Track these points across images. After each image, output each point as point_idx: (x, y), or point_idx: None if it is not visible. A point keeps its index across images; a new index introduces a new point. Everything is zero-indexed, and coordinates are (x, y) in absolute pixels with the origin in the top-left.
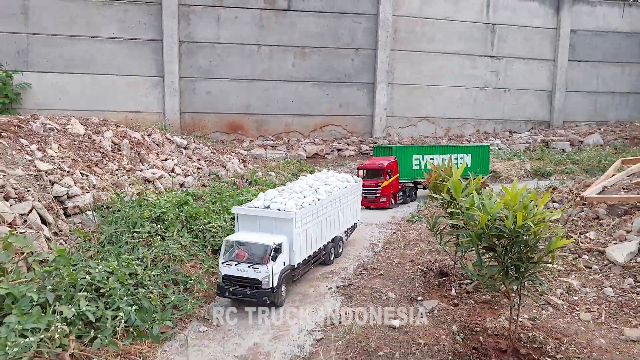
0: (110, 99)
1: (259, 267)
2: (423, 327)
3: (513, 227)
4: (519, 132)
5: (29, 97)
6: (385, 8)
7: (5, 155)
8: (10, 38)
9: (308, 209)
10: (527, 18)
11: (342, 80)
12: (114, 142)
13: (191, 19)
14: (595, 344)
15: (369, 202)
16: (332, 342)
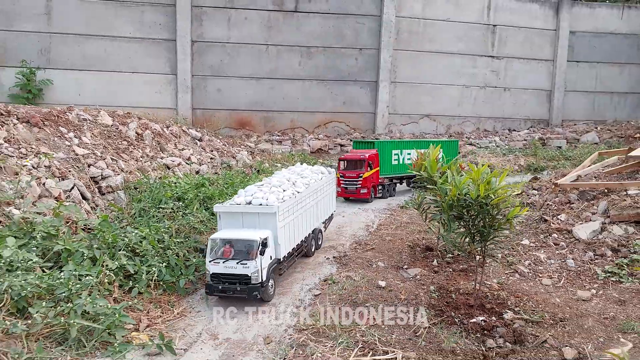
0: (126, 95)
1: (248, 263)
2: (405, 287)
3: (477, 198)
4: (518, 130)
5: (51, 92)
6: (388, 10)
7: (49, 141)
8: (34, 37)
9: (289, 202)
10: (527, 19)
11: (346, 79)
12: (137, 132)
13: (203, 20)
14: (550, 302)
15: (349, 194)
16: (327, 296)
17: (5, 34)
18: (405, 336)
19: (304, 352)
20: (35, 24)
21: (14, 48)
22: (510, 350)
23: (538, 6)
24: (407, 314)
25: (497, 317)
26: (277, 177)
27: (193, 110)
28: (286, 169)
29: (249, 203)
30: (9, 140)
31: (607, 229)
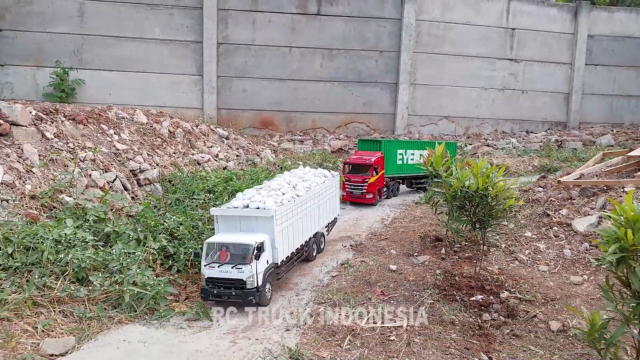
0: (154, 95)
1: (243, 267)
2: (414, 271)
3: (477, 190)
4: (535, 132)
5: (83, 92)
6: (409, 13)
7: (92, 137)
8: (67, 38)
9: (287, 206)
10: (545, 23)
11: (367, 80)
12: (170, 130)
13: (229, 23)
14: (544, 284)
15: (354, 198)
16: (343, 277)
17: (41, 36)
18: (411, 307)
19: (322, 319)
20: (69, 26)
21: (49, 49)
22: (503, 322)
23: (556, 10)
24: (415, 293)
25: (494, 297)
26: (278, 181)
27: (218, 110)
28: (289, 172)
29: (246, 206)
30: (58, 135)
31: (603, 222)
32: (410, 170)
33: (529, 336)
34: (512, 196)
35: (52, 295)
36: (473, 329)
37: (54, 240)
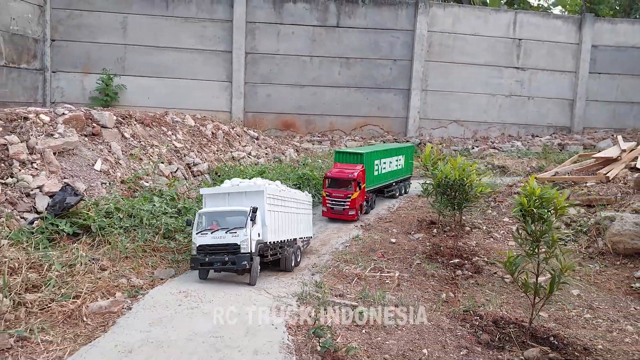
0: (188, 99)
1: (237, 232)
2: (409, 243)
3: (455, 179)
4: (540, 136)
5: (124, 96)
6: (421, 25)
7: (157, 137)
8: (112, 48)
9: (276, 189)
10: (551, 34)
11: (381, 87)
12: (212, 132)
13: (256, 34)
14: None
15: (335, 214)
16: (354, 246)
17: (89, 46)
18: (403, 265)
19: (337, 270)
20: (113, 37)
21: (96, 58)
22: (470, 275)
23: (561, 22)
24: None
25: (467, 261)
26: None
27: (245, 113)
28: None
29: (236, 186)
30: (133, 135)
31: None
32: (385, 180)
33: (488, 285)
34: (482, 184)
35: (152, 246)
36: (447, 280)
37: (147, 211)
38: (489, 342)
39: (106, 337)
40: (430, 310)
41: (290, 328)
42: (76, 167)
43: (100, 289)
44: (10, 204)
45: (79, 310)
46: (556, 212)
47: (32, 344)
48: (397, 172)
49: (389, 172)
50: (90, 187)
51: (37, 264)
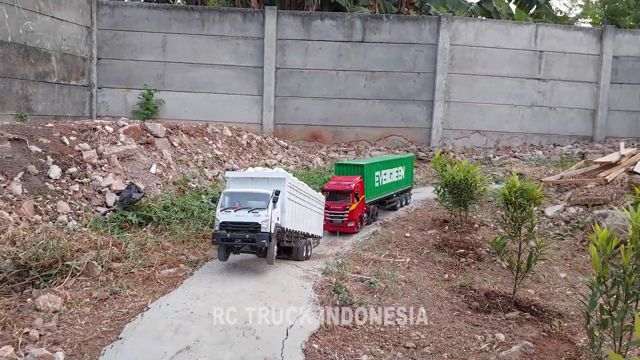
0: (222, 112)
1: (259, 212)
2: (422, 237)
3: (460, 180)
4: (562, 145)
5: (163, 110)
6: (443, 39)
7: (200, 146)
8: (152, 65)
9: (295, 180)
10: (572, 46)
11: (405, 98)
12: (247, 141)
13: (285, 50)
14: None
15: (334, 227)
16: (372, 239)
17: (132, 63)
18: (414, 254)
19: (357, 255)
20: (154, 55)
21: (138, 74)
22: (473, 262)
23: (583, 34)
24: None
25: (472, 251)
26: None
27: (275, 125)
28: None
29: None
30: (180, 144)
31: (567, 209)
32: (386, 191)
33: (487, 270)
34: (485, 185)
35: (202, 234)
36: (452, 265)
37: (197, 206)
38: (478, 308)
39: (177, 291)
40: (432, 286)
41: (316, 289)
42: (135, 170)
43: (167, 261)
44: (86, 199)
45: (153, 274)
46: (534, 202)
47: (122, 297)
48: (397, 183)
49: (390, 183)
50: (147, 187)
51: (117, 243)
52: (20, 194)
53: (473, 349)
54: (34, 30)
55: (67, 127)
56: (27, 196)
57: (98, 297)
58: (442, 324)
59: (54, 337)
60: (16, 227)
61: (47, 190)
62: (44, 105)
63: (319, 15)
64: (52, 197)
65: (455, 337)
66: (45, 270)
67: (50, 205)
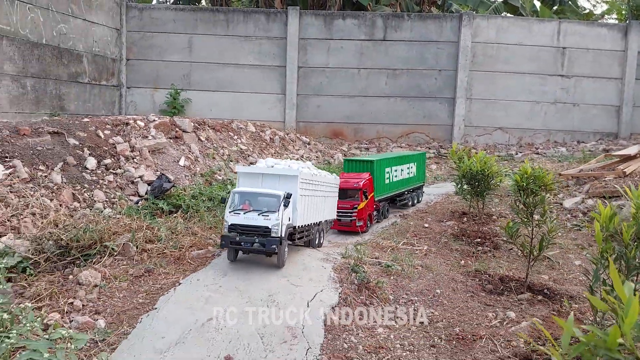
0: (246, 111)
1: (270, 215)
2: (440, 228)
3: (477, 171)
4: (586, 142)
5: (190, 109)
6: (465, 37)
7: (225, 140)
8: (179, 65)
9: (309, 174)
10: (596, 42)
11: (426, 96)
12: (270, 137)
13: (308, 50)
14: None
15: (342, 226)
16: (392, 229)
17: (160, 64)
18: (432, 242)
19: (376, 243)
20: (180, 55)
21: (165, 74)
22: (489, 250)
23: (607, 30)
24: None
25: (488, 240)
26: (289, 162)
27: (297, 123)
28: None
29: (271, 167)
30: (207, 139)
31: (585, 201)
32: (396, 188)
33: (503, 257)
34: (500, 175)
35: None
36: (469, 254)
37: (223, 196)
38: (492, 290)
39: (206, 268)
40: (447, 271)
41: (335, 269)
42: (165, 162)
43: (196, 244)
44: (120, 189)
45: (184, 255)
46: (546, 188)
47: (155, 274)
48: (409, 180)
49: (401, 180)
50: (177, 178)
51: (150, 227)
52: (60, 182)
53: (484, 324)
54: (67, 33)
55: (102, 121)
56: (66, 185)
57: (134, 274)
58: (456, 303)
59: (95, 307)
60: (57, 213)
61: (84, 180)
62: (76, 105)
63: (341, 15)
64: (89, 186)
65: (468, 315)
66: (84, 250)
67: (87, 194)
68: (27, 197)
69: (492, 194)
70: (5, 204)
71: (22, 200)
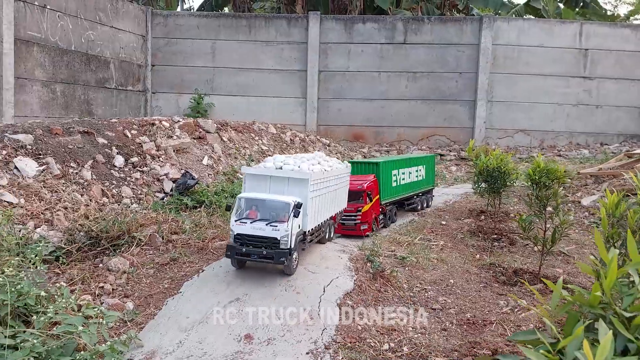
0: (268, 114)
1: (278, 226)
2: (457, 225)
3: (494, 168)
4: (609, 144)
5: (213, 113)
6: (485, 39)
7: (247, 141)
8: (203, 71)
9: (319, 174)
10: (619, 43)
11: (447, 98)
12: (290, 138)
13: (328, 54)
14: None
15: (346, 230)
16: (409, 226)
17: (184, 69)
18: (449, 238)
19: (393, 238)
20: (204, 61)
21: (189, 79)
22: (505, 246)
23: (630, 30)
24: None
25: (504, 236)
26: (299, 156)
27: (318, 126)
28: (299, 155)
29: (279, 168)
30: (229, 139)
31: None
32: (404, 192)
33: (518, 252)
34: (516, 171)
35: None
36: (484, 249)
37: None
38: (505, 281)
39: None
40: (462, 263)
41: (351, 259)
42: (189, 161)
43: (218, 236)
44: (146, 186)
45: (207, 246)
46: (558, 181)
47: (180, 263)
48: (417, 183)
49: (409, 183)
50: (200, 177)
51: (175, 220)
52: (90, 179)
53: (495, 311)
54: (95, 39)
55: (129, 122)
56: (96, 181)
57: (160, 262)
58: (469, 292)
59: (124, 291)
60: (87, 207)
61: (113, 177)
62: (103, 109)
63: (361, 19)
64: (117, 182)
65: (480, 303)
66: (113, 241)
67: (116, 190)
68: (59, 192)
69: (509, 193)
70: (40, 198)
71: (54, 195)
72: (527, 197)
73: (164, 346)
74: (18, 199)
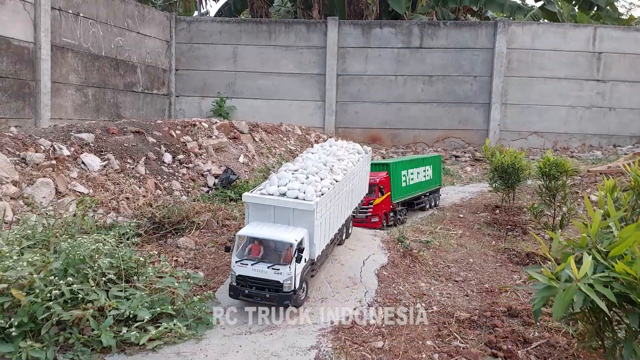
0: (288, 117)
1: (280, 269)
2: (474, 218)
3: (508, 165)
4: (622, 146)
5: (235, 115)
6: (500, 43)
7: (276, 142)
8: (224, 75)
9: (328, 195)
10: (632, 46)
11: (462, 101)
12: (315, 139)
13: (346, 58)
14: None
15: (357, 222)
16: (429, 219)
17: (206, 73)
18: (466, 228)
19: (416, 228)
20: (226, 65)
21: (212, 83)
22: (519, 235)
23: None
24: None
25: (518, 227)
26: (313, 161)
27: (336, 129)
28: (320, 148)
29: (283, 194)
30: (260, 140)
31: None
32: (413, 191)
33: (531, 240)
34: (529, 168)
35: None
36: (499, 237)
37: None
38: (519, 262)
39: None
40: (479, 248)
41: (383, 241)
42: (227, 159)
43: None
44: (192, 180)
45: None
46: (566, 174)
47: None
48: (425, 183)
49: (417, 183)
50: (238, 173)
51: (224, 209)
52: (144, 173)
53: (510, 283)
54: (123, 45)
55: (173, 123)
56: (149, 176)
57: (219, 242)
58: (486, 269)
59: (194, 264)
60: (145, 197)
61: (163, 172)
62: (130, 112)
63: (378, 24)
64: (167, 177)
65: (496, 277)
66: (175, 225)
67: (167, 184)
68: (120, 184)
69: (522, 189)
70: (105, 189)
71: (117, 187)
72: (538, 189)
73: (234, 303)
74: (87, 190)
